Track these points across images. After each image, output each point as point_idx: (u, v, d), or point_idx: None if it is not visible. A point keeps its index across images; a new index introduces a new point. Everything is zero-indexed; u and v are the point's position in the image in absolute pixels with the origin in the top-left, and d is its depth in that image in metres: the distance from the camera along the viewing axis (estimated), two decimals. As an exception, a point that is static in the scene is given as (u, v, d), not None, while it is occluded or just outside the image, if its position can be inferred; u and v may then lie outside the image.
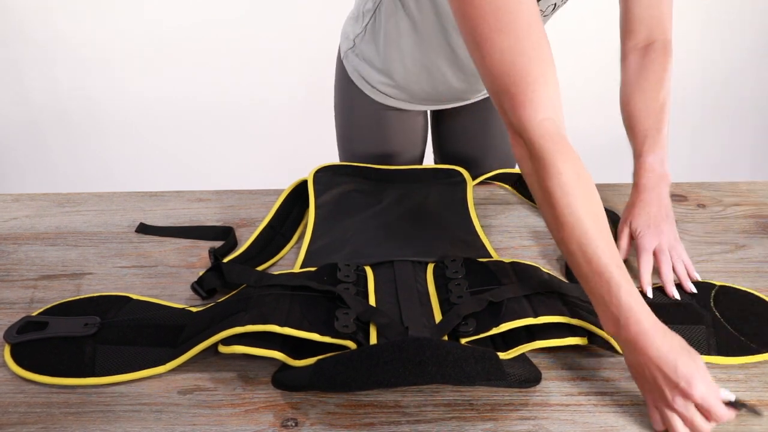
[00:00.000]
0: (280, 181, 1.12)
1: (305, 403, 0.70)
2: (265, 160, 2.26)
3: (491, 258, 0.89)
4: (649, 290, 0.83)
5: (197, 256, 0.93)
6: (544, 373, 0.73)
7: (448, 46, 0.99)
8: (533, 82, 0.69)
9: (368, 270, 0.85)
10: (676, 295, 0.83)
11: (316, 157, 1.26)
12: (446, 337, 0.74)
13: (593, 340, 0.76)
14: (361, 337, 0.73)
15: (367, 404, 0.70)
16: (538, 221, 1.00)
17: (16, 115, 2.23)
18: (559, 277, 0.88)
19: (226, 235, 0.95)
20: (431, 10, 0.94)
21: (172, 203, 1.04)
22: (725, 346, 0.76)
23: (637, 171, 0.91)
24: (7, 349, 0.75)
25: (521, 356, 0.74)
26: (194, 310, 0.80)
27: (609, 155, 2.32)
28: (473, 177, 1.08)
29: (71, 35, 2.08)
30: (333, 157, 1.25)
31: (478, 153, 1.23)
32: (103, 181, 2.29)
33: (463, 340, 0.73)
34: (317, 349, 0.72)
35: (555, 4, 0.92)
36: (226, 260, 0.88)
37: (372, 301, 0.79)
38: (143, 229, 0.98)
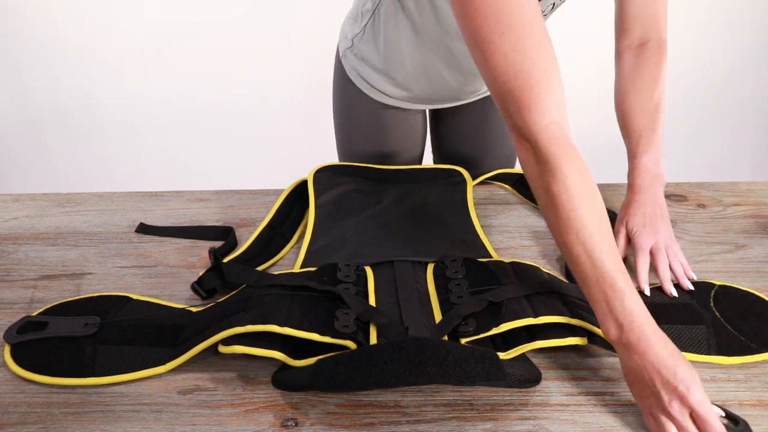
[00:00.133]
0: (280, 181, 1.12)
1: (305, 403, 0.70)
2: (265, 160, 2.26)
3: (491, 258, 0.89)
4: (646, 289, 0.83)
5: (197, 256, 0.93)
6: (544, 373, 0.73)
7: (447, 49, 0.99)
8: (537, 85, 0.69)
9: (368, 270, 0.85)
10: (674, 293, 0.83)
11: (316, 157, 1.26)
12: (446, 337, 0.74)
13: (593, 340, 0.76)
14: (361, 337, 0.73)
15: (367, 404, 0.70)
16: (538, 221, 1.00)
17: (16, 115, 2.23)
18: (559, 277, 0.88)
19: (226, 235, 0.95)
20: (431, 12, 0.94)
21: (172, 203, 1.04)
22: (725, 346, 0.76)
23: (632, 171, 0.91)
24: (7, 349, 0.75)
25: (521, 356, 0.74)
26: (194, 310, 0.80)
27: (609, 155, 2.32)
28: (473, 177, 1.08)
29: (71, 35, 2.08)
30: (333, 157, 1.26)
31: (478, 153, 1.23)
32: (103, 181, 2.29)
33: (463, 340, 0.73)
34: (317, 349, 0.72)
35: (554, 3, 0.92)
36: (226, 260, 0.88)
37: (372, 301, 0.79)
38: (143, 229, 0.98)
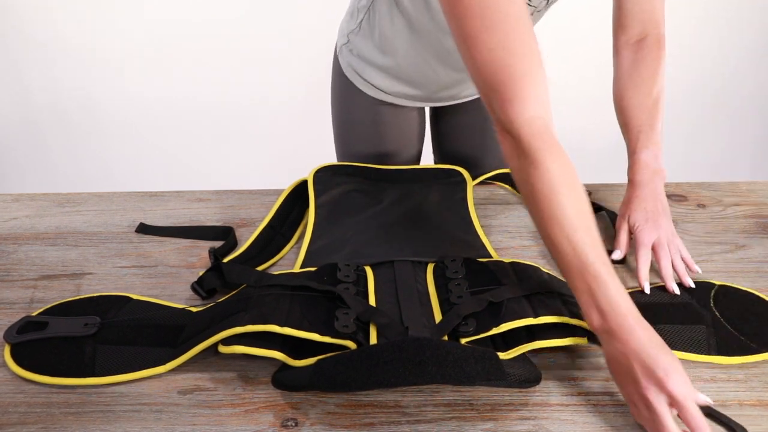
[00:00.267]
0: (280, 181, 1.12)
1: (305, 403, 0.70)
2: (265, 160, 2.26)
3: (491, 258, 0.89)
4: (646, 286, 0.83)
5: (197, 256, 0.93)
6: (544, 373, 0.73)
7: (441, 44, 0.99)
8: (520, 79, 0.69)
9: (368, 270, 0.85)
10: (676, 290, 0.83)
11: (316, 157, 1.26)
12: (446, 337, 0.74)
13: (593, 340, 0.76)
14: (361, 337, 0.73)
15: (367, 404, 0.70)
16: (538, 221, 1.00)
17: (16, 115, 2.23)
18: (559, 277, 0.88)
19: (226, 235, 0.95)
20: (424, 8, 0.94)
21: (172, 203, 1.04)
22: (725, 345, 0.76)
23: (632, 167, 0.91)
24: (7, 349, 0.75)
25: (521, 356, 0.74)
26: (194, 310, 0.80)
27: (609, 155, 2.32)
28: (473, 177, 1.08)
29: (71, 35, 2.08)
30: (333, 157, 1.26)
31: (478, 152, 1.23)
32: (103, 181, 2.29)
33: (463, 340, 0.73)
34: (317, 349, 0.72)
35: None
36: (226, 260, 0.88)
37: (372, 301, 0.79)
38: (143, 229, 0.98)
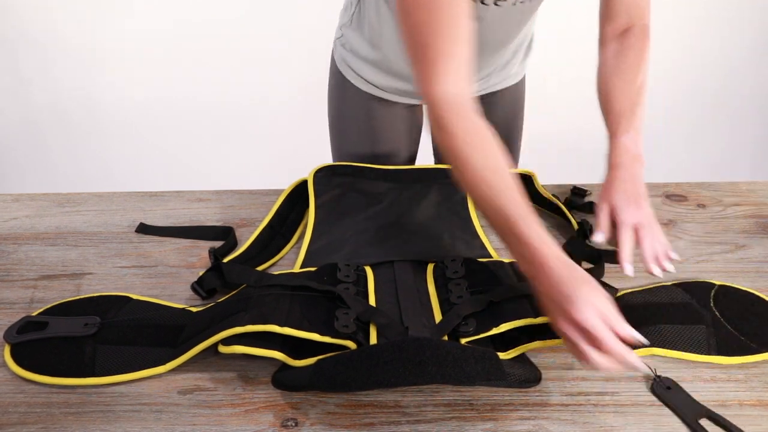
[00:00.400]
0: (280, 181, 1.12)
1: (305, 403, 0.70)
2: (265, 160, 2.26)
3: (491, 258, 0.89)
4: (628, 268, 0.80)
5: (197, 256, 0.93)
6: (544, 373, 0.73)
7: None
8: (440, 57, 0.75)
9: (368, 270, 0.85)
10: (657, 273, 0.81)
11: (316, 157, 1.26)
12: (446, 337, 0.74)
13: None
14: (361, 337, 0.73)
15: (367, 404, 0.70)
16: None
17: (16, 115, 2.23)
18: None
19: (226, 235, 0.95)
20: None
21: (172, 203, 1.04)
22: (725, 345, 0.76)
23: (612, 151, 0.90)
24: (7, 349, 0.75)
25: (521, 356, 0.74)
26: (194, 310, 0.80)
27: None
28: None
29: (71, 35, 2.08)
30: (331, 157, 1.25)
31: None
32: (103, 181, 2.29)
33: (463, 340, 0.73)
34: (317, 349, 0.72)
35: None
36: (226, 260, 0.88)
37: (372, 301, 0.79)
38: (143, 229, 0.98)
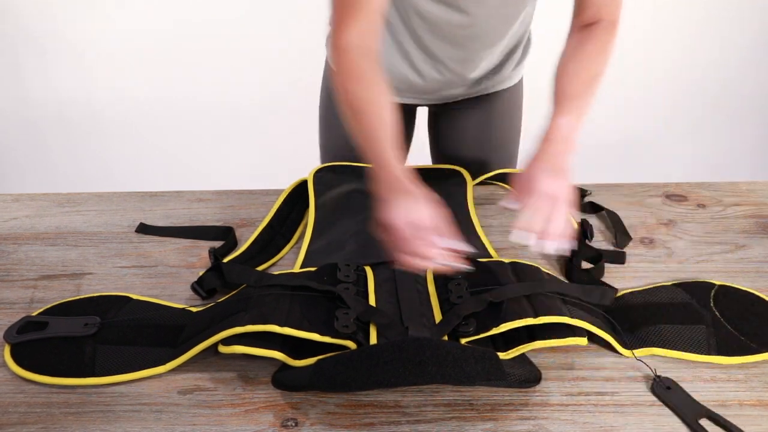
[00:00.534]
0: (280, 181, 1.12)
1: (305, 403, 0.70)
2: (265, 160, 2.26)
3: (491, 258, 0.89)
4: (514, 233, 0.78)
5: (197, 256, 0.93)
6: (544, 373, 0.73)
7: (409, 30, 1.00)
8: (349, 9, 0.84)
9: (368, 270, 0.85)
10: (548, 250, 0.78)
11: (316, 157, 1.26)
12: (446, 337, 0.74)
13: (593, 340, 0.76)
14: (361, 337, 0.73)
15: (367, 404, 0.70)
16: (538, 221, 1.00)
17: (16, 115, 2.23)
18: (559, 277, 0.88)
19: (226, 235, 0.95)
20: None
21: (172, 203, 1.04)
22: (725, 345, 0.76)
23: (547, 129, 0.88)
24: (7, 349, 0.75)
25: (521, 356, 0.74)
26: (194, 310, 0.80)
27: (608, 155, 2.32)
28: (472, 178, 1.08)
29: (71, 35, 2.08)
30: (333, 157, 1.25)
31: (477, 157, 1.21)
32: (103, 181, 2.29)
33: (463, 340, 0.73)
34: (317, 349, 0.72)
35: None
36: (226, 260, 0.88)
37: (372, 301, 0.79)
38: (143, 229, 0.98)
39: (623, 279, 0.88)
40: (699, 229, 0.98)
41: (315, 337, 0.71)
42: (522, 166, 0.88)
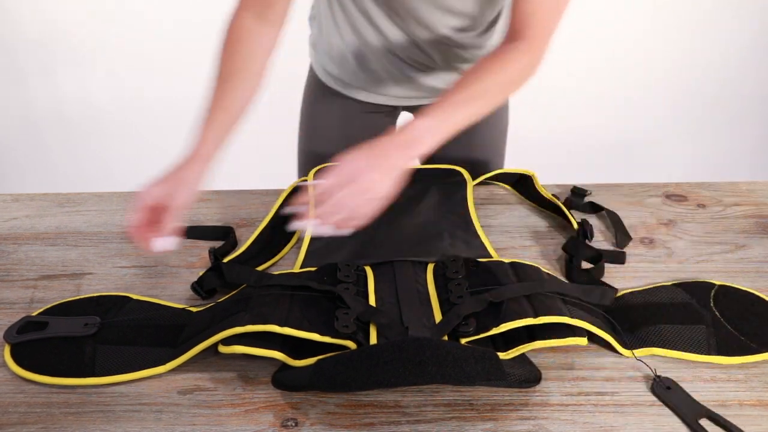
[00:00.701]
0: (280, 181, 1.12)
1: (305, 403, 0.70)
2: (265, 160, 2.26)
3: (491, 258, 0.89)
4: (288, 207, 0.79)
5: (197, 256, 0.93)
6: (544, 373, 0.73)
7: (372, 24, 1.03)
8: None
9: (368, 270, 0.85)
10: (323, 232, 0.77)
11: (316, 157, 1.26)
12: (446, 337, 0.74)
13: (593, 340, 0.76)
14: (361, 337, 0.73)
15: (367, 404, 0.70)
16: (539, 221, 1.00)
17: (16, 115, 2.23)
18: (559, 277, 0.88)
19: (226, 235, 0.95)
20: None
21: (172, 203, 1.04)
22: (725, 345, 0.76)
23: (403, 124, 0.82)
24: (7, 349, 0.75)
25: (521, 356, 0.74)
26: (194, 310, 0.80)
27: (609, 155, 2.32)
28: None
29: (71, 35, 2.08)
30: (333, 157, 1.25)
31: (463, 158, 1.18)
32: (103, 181, 2.28)
33: (463, 340, 0.73)
34: (317, 349, 0.72)
35: None
36: (226, 260, 0.88)
37: (372, 301, 0.79)
38: (143, 229, 0.98)
39: (623, 279, 0.88)
40: (699, 229, 0.98)
41: (315, 337, 0.71)
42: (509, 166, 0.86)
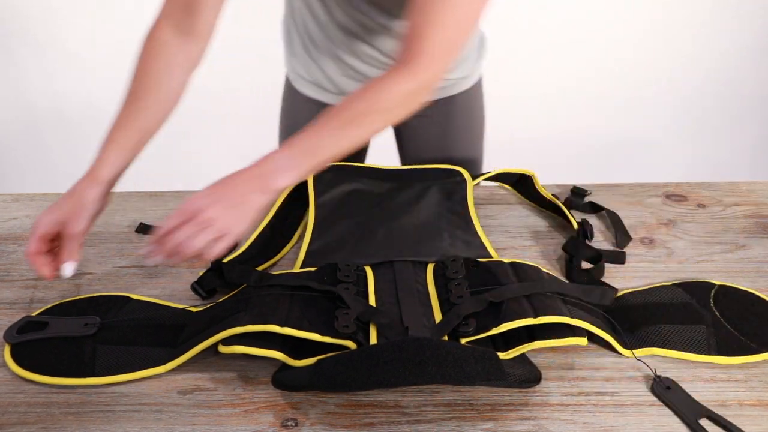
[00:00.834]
0: (280, 181, 1.12)
1: (305, 403, 0.70)
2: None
3: (491, 258, 0.89)
4: (147, 251, 0.74)
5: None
6: (544, 373, 0.73)
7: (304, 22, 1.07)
8: (167, 3, 0.92)
9: (368, 270, 0.85)
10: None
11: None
12: (446, 337, 0.74)
13: (593, 340, 0.76)
14: (361, 337, 0.73)
15: (367, 404, 0.70)
16: (538, 221, 1.00)
17: (16, 115, 2.23)
18: (559, 277, 0.88)
19: (226, 235, 0.95)
20: None
21: (172, 203, 1.04)
22: (725, 345, 0.76)
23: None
24: (7, 349, 0.75)
25: (521, 356, 0.74)
26: (194, 310, 0.80)
27: (609, 155, 2.32)
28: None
29: (71, 35, 2.08)
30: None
31: (441, 160, 1.18)
32: (102, 181, 2.29)
33: (463, 340, 0.73)
34: (317, 349, 0.72)
35: None
36: (226, 260, 0.88)
37: (372, 301, 0.79)
38: (143, 229, 0.98)
39: (623, 279, 0.88)
40: (699, 229, 0.98)
41: (315, 337, 0.71)
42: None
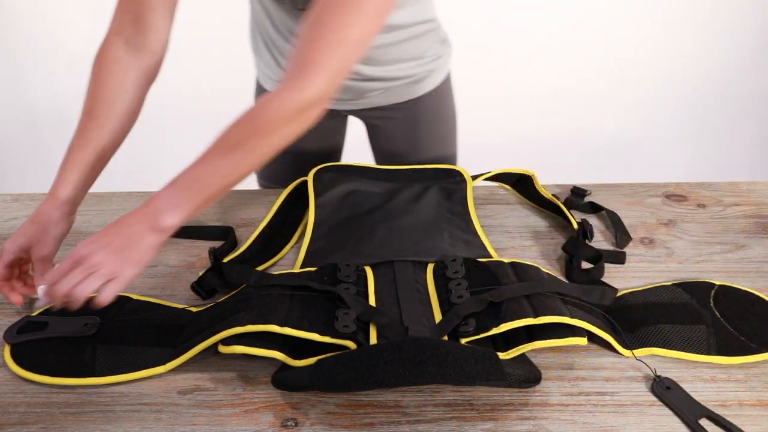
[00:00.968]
0: (280, 182, 1.12)
1: (305, 403, 0.70)
2: (265, 160, 2.26)
3: (491, 258, 0.89)
4: (39, 291, 0.76)
5: (197, 256, 0.93)
6: (544, 373, 0.73)
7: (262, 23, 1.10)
8: (118, 12, 0.95)
9: (368, 270, 0.85)
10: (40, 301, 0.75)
11: (316, 157, 1.26)
12: (446, 337, 0.74)
13: (593, 340, 0.76)
14: (361, 337, 0.73)
15: (367, 404, 0.70)
16: (538, 221, 1.00)
17: (16, 115, 2.23)
18: (559, 277, 0.88)
19: (226, 235, 0.95)
20: None
21: (172, 203, 1.04)
22: (725, 345, 0.76)
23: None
24: (7, 349, 0.75)
25: (521, 356, 0.74)
26: (194, 310, 0.80)
27: (609, 155, 2.32)
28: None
29: (71, 35, 2.08)
30: (333, 157, 1.25)
31: (414, 162, 1.17)
32: (103, 181, 2.28)
33: (463, 340, 0.73)
34: (317, 349, 0.72)
35: None
36: (226, 260, 0.88)
37: (372, 301, 0.79)
38: (143, 229, 0.97)
39: (623, 279, 0.88)
40: (699, 229, 0.98)
41: (315, 337, 0.71)
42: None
